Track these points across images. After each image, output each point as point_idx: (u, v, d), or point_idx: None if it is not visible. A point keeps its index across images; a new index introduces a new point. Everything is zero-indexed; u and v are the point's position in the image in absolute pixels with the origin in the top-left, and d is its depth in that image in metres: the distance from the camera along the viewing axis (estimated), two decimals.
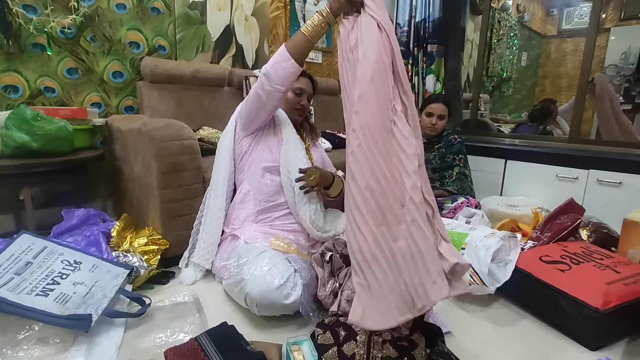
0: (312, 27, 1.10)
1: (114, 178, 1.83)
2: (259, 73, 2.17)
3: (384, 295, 0.82)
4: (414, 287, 0.81)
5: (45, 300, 0.95)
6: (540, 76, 5.28)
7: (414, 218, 0.85)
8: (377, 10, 0.98)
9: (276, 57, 1.18)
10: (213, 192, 1.38)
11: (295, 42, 1.15)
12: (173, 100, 1.93)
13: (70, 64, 1.76)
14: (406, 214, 0.86)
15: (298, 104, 1.42)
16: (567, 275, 1.14)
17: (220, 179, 1.38)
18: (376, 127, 0.92)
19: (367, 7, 0.99)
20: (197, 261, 1.34)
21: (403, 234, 0.84)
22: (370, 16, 0.97)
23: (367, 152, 0.89)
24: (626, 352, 1.04)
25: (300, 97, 1.41)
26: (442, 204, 1.87)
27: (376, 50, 0.95)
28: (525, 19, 4.59)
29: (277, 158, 1.35)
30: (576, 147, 2.28)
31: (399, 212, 0.86)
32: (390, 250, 0.83)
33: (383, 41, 0.97)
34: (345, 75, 0.99)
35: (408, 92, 0.99)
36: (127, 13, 1.88)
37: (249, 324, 1.10)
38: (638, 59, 3.96)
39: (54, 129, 1.41)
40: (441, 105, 1.93)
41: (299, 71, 1.20)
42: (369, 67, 0.94)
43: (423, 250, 0.83)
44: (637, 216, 1.36)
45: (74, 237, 1.31)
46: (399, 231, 0.85)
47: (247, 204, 1.36)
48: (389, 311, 0.82)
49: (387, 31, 0.97)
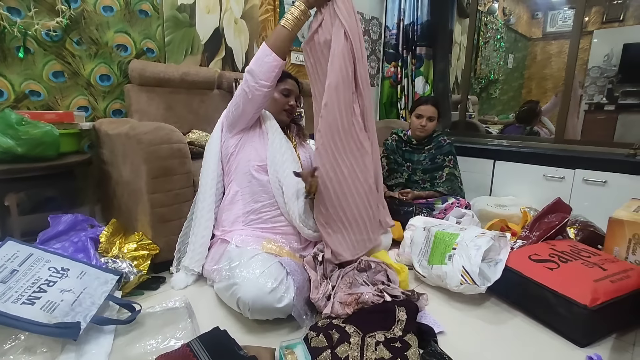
0: (292, 19, 1.20)
1: (102, 183, 1.80)
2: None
3: (341, 241, 1.31)
4: (362, 237, 1.36)
5: (31, 308, 0.93)
6: (526, 78, 5.39)
7: (363, 198, 1.33)
8: (347, 16, 1.18)
9: (258, 54, 1.22)
10: (201, 195, 1.37)
11: (276, 36, 1.22)
12: (162, 103, 1.91)
13: (56, 67, 1.72)
14: (355, 193, 1.31)
15: (286, 104, 1.43)
16: (556, 274, 1.16)
17: (209, 181, 1.37)
18: (337, 129, 1.24)
19: (337, 8, 1.13)
20: (187, 264, 1.33)
21: (352, 206, 1.32)
22: (340, 22, 1.15)
23: (327, 150, 1.25)
24: (614, 348, 1.06)
25: (288, 98, 1.43)
26: (432, 204, 1.89)
27: (341, 60, 1.20)
28: (511, 21, 4.67)
29: (263, 157, 1.34)
30: (562, 147, 2.33)
31: (350, 194, 1.30)
32: (339, 218, 1.31)
33: (347, 50, 1.21)
34: (313, 69, 1.28)
35: (364, 94, 1.31)
36: (114, 16, 1.86)
37: (241, 328, 1.10)
38: (620, 60, 4.07)
39: (39, 134, 1.38)
40: (431, 107, 1.95)
41: (281, 64, 1.23)
42: (334, 77, 1.19)
43: (365, 217, 1.35)
44: (622, 214, 1.39)
45: (61, 243, 1.28)
46: (349, 205, 1.31)
47: (236, 204, 1.36)
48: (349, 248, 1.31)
49: (351, 40, 1.20)
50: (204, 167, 1.39)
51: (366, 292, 1.10)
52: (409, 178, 2.05)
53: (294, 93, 1.45)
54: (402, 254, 1.56)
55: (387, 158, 2.09)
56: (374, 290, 1.13)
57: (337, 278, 1.19)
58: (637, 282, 1.14)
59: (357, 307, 1.07)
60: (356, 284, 1.17)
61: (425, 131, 1.98)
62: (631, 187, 1.80)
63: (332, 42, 1.20)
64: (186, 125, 1.93)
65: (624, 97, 4.03)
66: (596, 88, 4.29)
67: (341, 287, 1.15)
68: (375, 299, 1.08)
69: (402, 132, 2.12)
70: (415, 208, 1.84)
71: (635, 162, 1.86)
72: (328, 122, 1.23)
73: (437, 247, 1.34)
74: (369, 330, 0.96)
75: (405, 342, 0.92)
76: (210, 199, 1.36)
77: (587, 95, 4.34)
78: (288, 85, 1.43)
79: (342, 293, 1.12)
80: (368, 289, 1.13)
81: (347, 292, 1.11)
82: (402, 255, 1.55)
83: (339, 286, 1.15)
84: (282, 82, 1.41)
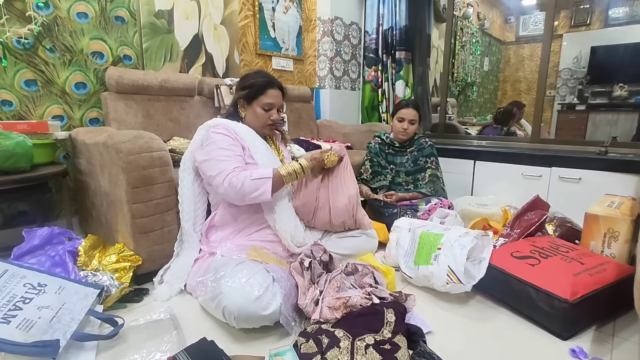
0: (291, 176, 1.30)
1: (80, 194, 1.75)
2: (230, 82, 2.16)
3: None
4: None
5: (6, 327, 0.88)
6: (501, 80, 5.55)
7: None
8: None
9: (254, 194, 1.23)
10: (185, 223, 1.36)
11: (275, 186, 1.26)
12: (141, 111, 1.87)
13: (28, 76, 1.67)
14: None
15: (269, 119, 1.38)
16: (537, 269, 1.20)
17: (189, 210, 1.37)
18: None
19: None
20: (168, 280, 1.32)
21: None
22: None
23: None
24: (595, 340, 1.09)
25: (269, 112, 1.38)
26: (416, 206, 1.91)
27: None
28: (486, 26, 4.81)
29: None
30: (538, 146, 2.40)
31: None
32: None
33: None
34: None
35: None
36: (89, 22, 1.81)
37: (229, 337, 1.08)
38: (589, 62, 4.25)
39: (11, 145, 1.33)
40: (412, 111, 1.98)
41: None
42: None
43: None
44: (597, 210, 1.45)
45: (37, 258, 1.23)
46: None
47: (227, 225, 1.36)
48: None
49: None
50: (181, 199, 1.36)
51: (354, 296, 1.10)
52: (393, 180, 2.07)
53: (276, 105, 1.39)
54: (388, 256, 1.57)
55: (371, 161, 2.10)
56: (362, 293, 1.13)
57: (324, 283, 1.19)
58: (614, 275, 1.18)
59: (345, 311, 1.07)
60: (344, 288, 1.17)
61: (407, 134, 2.02)
62: (604, 183, 1.88)
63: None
64: (166, 132, 1.89)
65: (594, 97, 4.21)
66: (567, 89, 4.47)
67: (329, 292, 1.14)
68: (363, 302, 1.08)
69: (384, 135, 2.14)
70: (399, 210, 1.86)
71: (606, 159, 1.94)
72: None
73: (423, 248, 1.35)
74: (359, 334, 0.96)
75: (395, 344, 0.93)
76: (192, 225, 1.37)
77: (559, 96, 4.51)
78: (270, 98, 1.37)
79: (330, 297, 1.11)
80: (356, 292, 1.13)
81: (335, 297, 1.11)
82: (388, 257, 1.56)
83: (327, 290, 1.15)
84: (264, 94, 1.36)
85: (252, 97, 1.37)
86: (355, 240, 1.49)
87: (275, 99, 1.38)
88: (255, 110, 1.37)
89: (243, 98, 1.38)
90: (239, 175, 1.22)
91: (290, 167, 1.30)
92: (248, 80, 1.38)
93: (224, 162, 1.25)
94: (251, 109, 1.38)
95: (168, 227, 1.39)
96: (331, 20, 2.91)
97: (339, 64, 3.05)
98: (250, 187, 1.22)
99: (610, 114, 4.03)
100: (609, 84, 4.08)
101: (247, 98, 1.37)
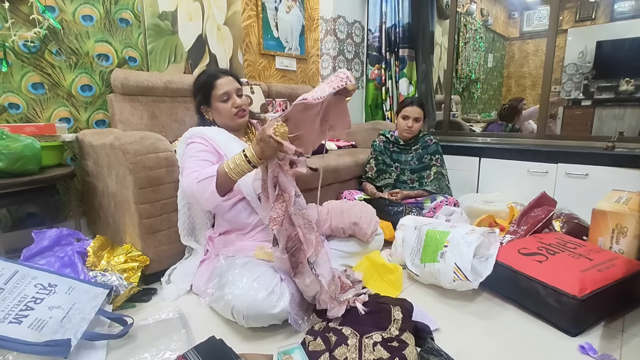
0: (234, 168, 1.03)
1: (87, 195, 1.76)
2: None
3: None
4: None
5: (18, 327, 0.89)
6: (505, 76, 5.52)
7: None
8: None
9: (198, 193, 1.09)
10: (180, 232, 1.39)
11: (220, 181, 1.07)
12: (146, 112, 1.88)
13: (35, 79, 1.68)
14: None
15: (232, 107, 1.31)
16: (545, 266, 1.19)
17: (183, 219, 1.39)
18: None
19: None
20: (174, 280, 1.34)
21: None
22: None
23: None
24: (604, 336, 1.08)
25: (230, 101, 1.31)
26: (422, 203, 1.91)
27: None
28: (489, 22, 4.78)
29: (237, 191, 1.25)
30: (544, 142, 2.38)
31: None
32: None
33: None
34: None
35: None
36: (94, 25, 1.83)
37: (237, 336, 1.08)
38: (594, 57, 4.20)
39: (19, 147, 1.34)
40: (416, 109, 1.98)
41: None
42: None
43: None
44: (605, 205, 1.44)
45: (46, 259, 1.25)
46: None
47: (229, 234, 1.36)
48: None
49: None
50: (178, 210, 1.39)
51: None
52: (398, 178, 2.07)
53: (232, 91, 1.31)
54: (394, 254, 1.57)
55: (375, 159, 2.10)
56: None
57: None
58: (622, 271, 1.17)
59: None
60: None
61: (411, 132, 2.01)
62: (611, 178, 1.86)
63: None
64: (171, 133, 1.90)
65: (599, 92, 4.17)
66: (573, 84, 4.43)
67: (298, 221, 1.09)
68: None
69: (389, 133, 2.14)
70: (405, 208, 1.86)
71: (613, 154, 1.92)
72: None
73: (429, 246, 1.35)
74: (366, 331, 0.96)
75: (402, 341, 0.93)
76: (185, 232, 1.40)
77: (565, 92, 4.47)
78: (221, 88, 1.29)
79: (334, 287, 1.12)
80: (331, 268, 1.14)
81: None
82: (394, 255, 1.56)
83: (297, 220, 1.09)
84: (214, 88, 1.30)
85: (206, 96, 1.33)
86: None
87: (227, 86, 1.30)
88: (217, 107, 1.32)
89: (201, 103, 1.36)
90: (188, 179, 1.11)
91: (234, 159, 1.04)
92: (196, 85, 1.37)
93: (187, 170, 1.17)
94: (213, 108, 1.34)
95: (175, 227, 1.39)
96: (334, 19, 2.90)
97: (342, 62, 3.05)
98: (200, 190, 1.08)
99: (617, 108, 3.99)
100: (615, 79, 4.04)
101: (204, 101, 1.35)
